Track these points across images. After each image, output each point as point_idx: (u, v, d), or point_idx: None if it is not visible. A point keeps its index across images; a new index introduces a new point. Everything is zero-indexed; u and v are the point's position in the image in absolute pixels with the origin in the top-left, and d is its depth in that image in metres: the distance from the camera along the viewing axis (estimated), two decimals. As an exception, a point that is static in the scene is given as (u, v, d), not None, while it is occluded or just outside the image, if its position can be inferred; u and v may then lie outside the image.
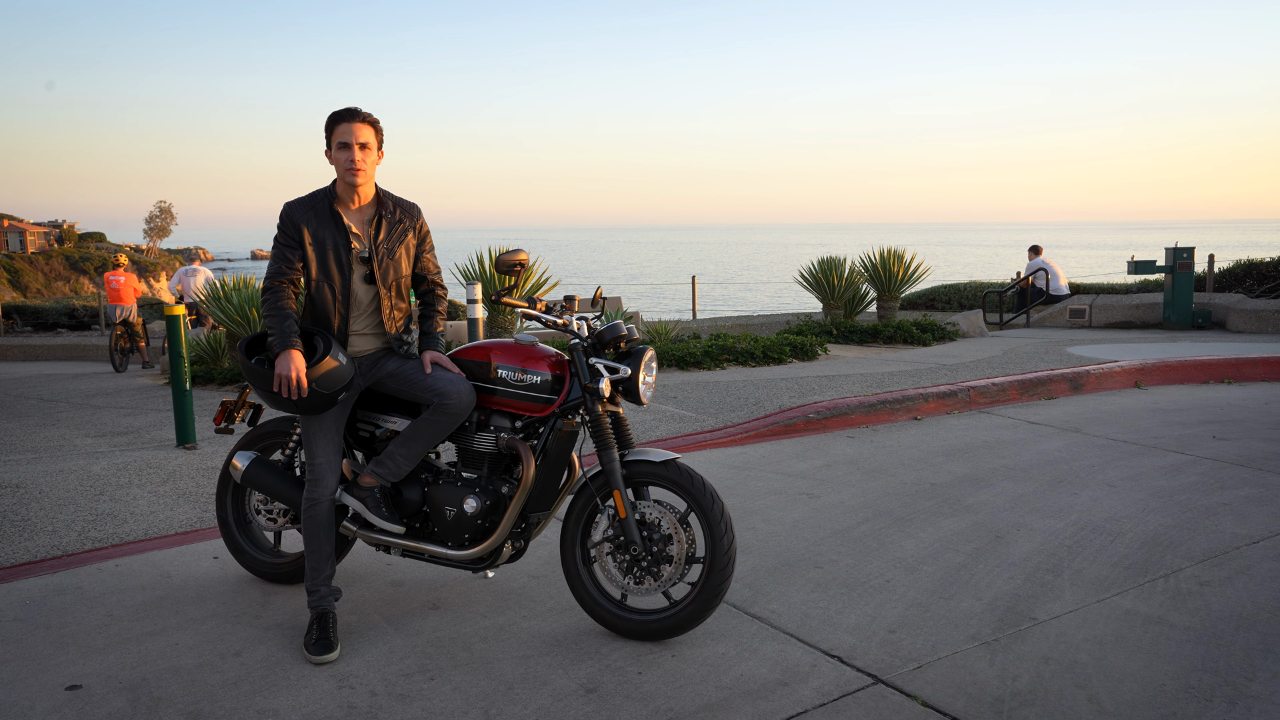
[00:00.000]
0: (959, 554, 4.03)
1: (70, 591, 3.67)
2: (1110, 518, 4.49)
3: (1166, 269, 12.92)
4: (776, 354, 9.04)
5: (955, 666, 3.03)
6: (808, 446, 5.99)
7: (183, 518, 4.61)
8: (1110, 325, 13.52)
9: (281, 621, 3.40)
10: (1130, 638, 3.22)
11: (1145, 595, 3.58)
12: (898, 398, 6.85)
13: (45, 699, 2.85)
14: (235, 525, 3.78)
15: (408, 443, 3.28)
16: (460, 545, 3.31)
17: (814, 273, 12.44)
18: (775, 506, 4.71)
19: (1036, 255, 15.19)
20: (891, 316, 12.67)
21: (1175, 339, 11.32)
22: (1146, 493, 4.91)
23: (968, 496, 4.87)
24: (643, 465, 3.22)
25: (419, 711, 2.78)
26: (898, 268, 12.39)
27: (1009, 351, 9.75)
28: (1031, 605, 3.49)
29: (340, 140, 3.17)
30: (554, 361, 3.33)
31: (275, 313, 3.20)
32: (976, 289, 16.74)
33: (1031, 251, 15.33)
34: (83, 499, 4.93)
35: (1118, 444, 5.99)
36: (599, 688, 2.91)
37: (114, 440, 6.87)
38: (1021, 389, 7.50)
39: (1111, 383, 8.05)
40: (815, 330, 11.17)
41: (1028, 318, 14.47)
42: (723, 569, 3.11)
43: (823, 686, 2.91)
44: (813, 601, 3.54)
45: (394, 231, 3.36)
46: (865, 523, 4.46)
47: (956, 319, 12.33)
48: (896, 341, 11.13)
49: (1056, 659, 3.07)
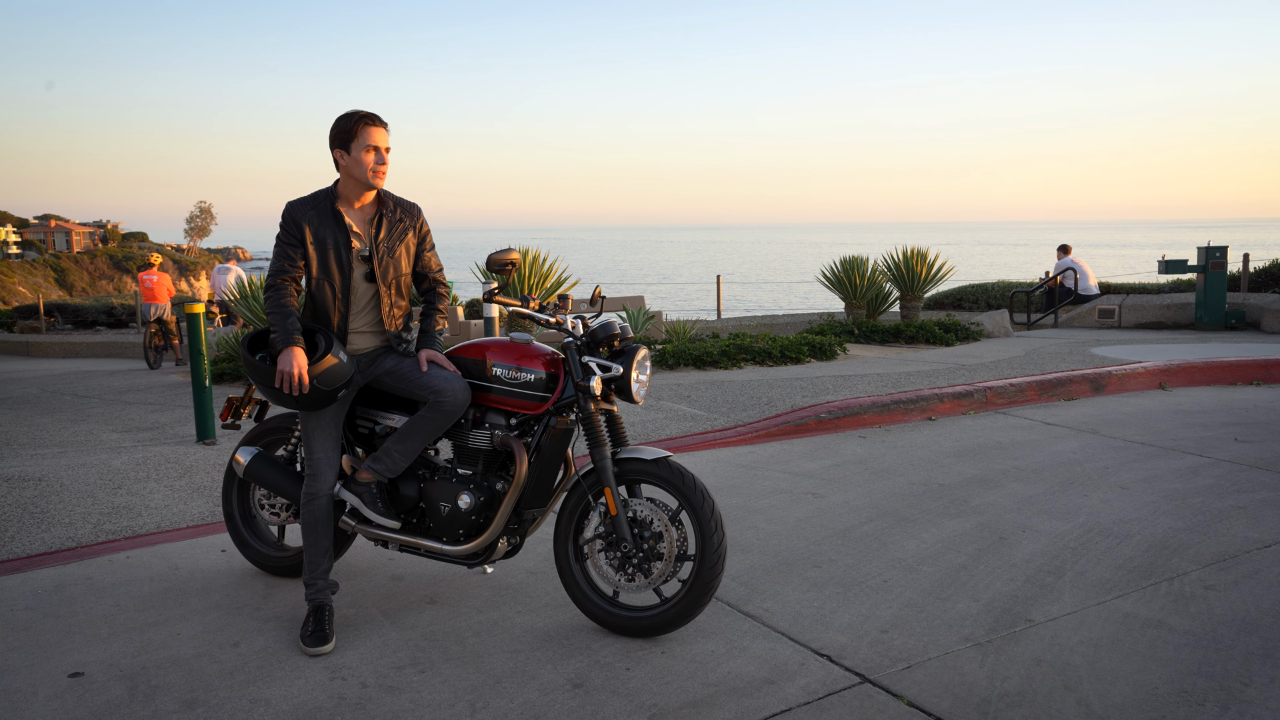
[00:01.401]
0: (960, 555, 4.01)
1: (80, 582, 3.77)
2: (1119, 520, 4.43)
3: (1199, 268, 12.68)
4: (794, 354, 9.01)
5: (945, 667, 3.02)
6: (818, 446, 5.97)
7: (195, 511, 4.70)
8: (1140, 326, 13.30)
9: (281, 614, 3.47)
10: (1127, 641, 3.19)
11: (1147, 598, 3.53)
12: (912, 398, 6.80)
13: (48, 685, 2.93)
14: (240, 519, 3.86)
15: (403, 439, 3.33)
16: (455, 540, 3.36)
17: (836, 272, 12.37)
18: (779, 505, 4.71)
19: (1066, 254, 14.96)
20: (914, 316, 12.56)
21: (1206, 340, 11.10)
22: (1159, 495, 4.83)
23: (975, 497, 4.83)
24: (634, 463, 3.24)
25: (406, 703, 2.82)
26: (921, 267, 12.28)
27: (1032, 352, 9.63)
28: (1029, 607, 3.46)
29: (368, 143, 3.23)
30: (549, 360, 3.36)
31: (277, 310, 3.27)
32: (1004, 289, 16.52)
33: (1060, 251, 15.10)
34: (101, 492, 5.05)
35: (1134, 446, 5.90)
36: (586, 683, 2.94)
37: (138, 435, 7.02)
38: (1040, 390, 7.41)
39: (1134, 384, 7.92)
40: (836, 330, 11.11)
41: (1055, 318, 14.27)
42: (713, 566, 3.12)
43: (809, 685, 2.91)
44: (807, 600, 3.54)
45: (394, 230, 3.42)
46: (868, 523, 4.44)
47: (981, 319, 12.20)
48: (919, 341, 11.04)
49: (1049, 661, 3.05)
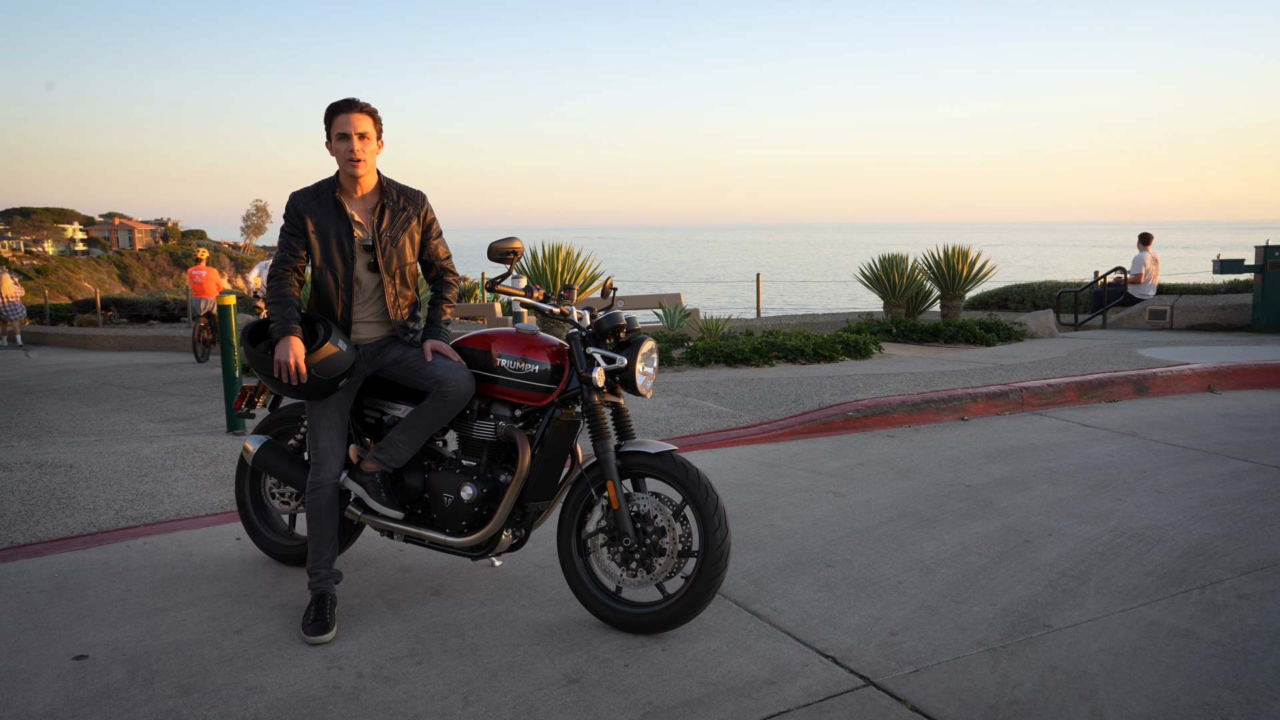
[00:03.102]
0: (981, 557, 3.88)
1: (97, 566, 3.82)
2: (1152, 525, 4.26)
3: (1256, 268, 12.22)
4: (827, 352, 8.87)
5: (953, 672, 2.91)
6: (843, 445, 5.85)
7: (216, 500, 4.76)
8: (1193, 327, 12.86)
9: (287, 602, 3.47)
10: (1150, 650, 3.05)
11: (1175, 606, 3.38)
12: (944, 397, 6.64)
13: (52, 667, 2.97)
14: (253, 508, 3.88)
15: (408, 429, 3.32)
16: (458, 532, 3.33)
17: (874, 270, 12.16)
18: (797, 504, 4.62)
19: (1145, 247, 13.88)
20: (955, 316, 12.30)
21: (1262, 343, 10.69)
22: (1198, 500, 4.64)
23: (1002, 499, 4.69)
24: (638, 456, 3.19)
25: (400, 694, 2.80)
26: (962, 265, 12.01)
27: (1075, 353, 9.36)
28: (1048, 612, 3.34)
29: (339, 131, 3.22)
30: (554, 351, 3.32)
31: (277, 299, 3.28)
32: (1051, 289, 16.11)
33: (1141, 241, 13.97)
34: (127, 479, 5.13)
35: (1176, 449, 5.69)
36: (582, 678, 2.89)
37: (173, 425, 7.15)
38: (1080, 390, 7.19)
39: (1181, 386, 7.65)
40: (873, 329, 10.91)
41: (1104, 319, 13.87)
42: (715, 563, 3.05)
43: (810, 687, 2.83)
44: (817, 600, 3.46)
45: (397, 219, 3.40)
46: (888, 523, 4.33)
47: (1024, 319, 11.90)
48: (958, 341, 10.80)
49: (1065, 668, 2.93)
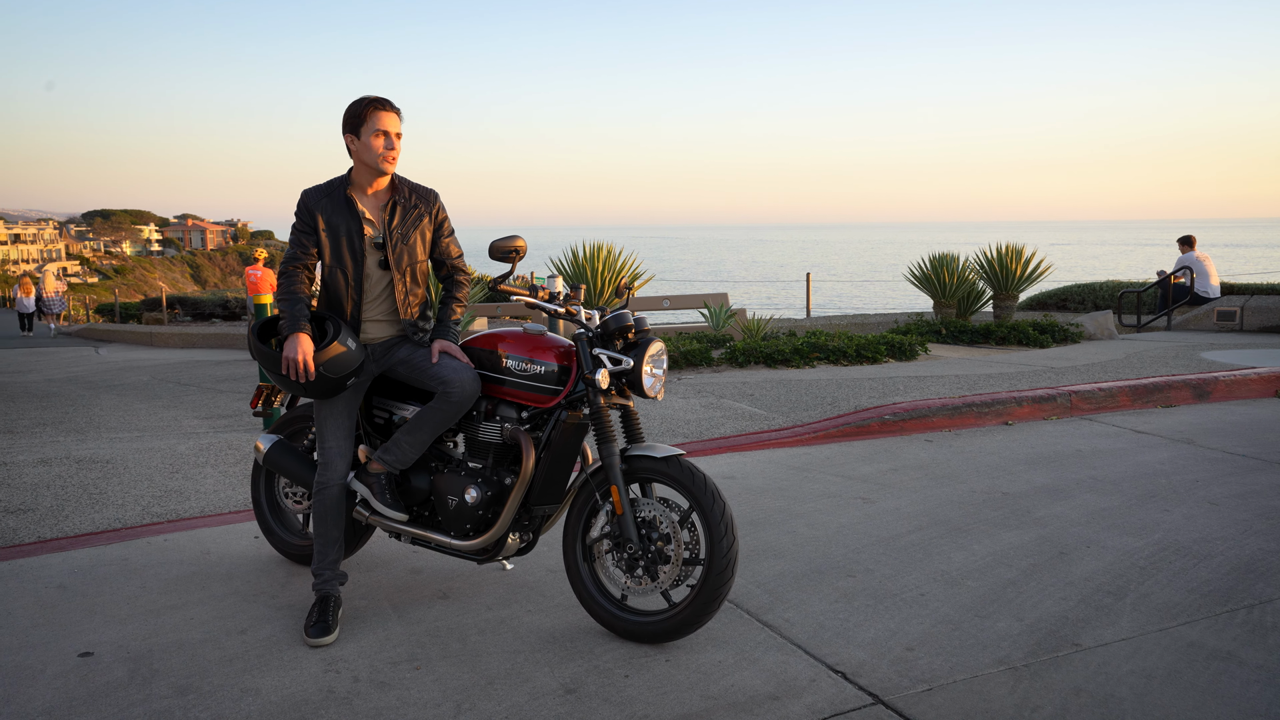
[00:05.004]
0: (1011, 570, 3.70)
1: (115, 563, 3.86)
2: (1201, 538, 4.03)
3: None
4: (870, 353, 8.65)
5: (969, 691, 2.76)
6: (877, 449, 5.67)
7: (241, 497, 4.79)
8: (1265, 329, 12.28)
9: (295, 602, 3.46)
10: (1186, 673, 2.85)
11: (1218, 626, 3.17)
12: (987, 400, 6.41)
13: (57, 663, 2.98)
14: (267, 507, 3.88)
15: (413, 430, 3.28)
16: (462, 535, 3.28)
17: (924, 269, 11.85)
18: (823, 510, 4.47)
19: (1188, 249, 13.71)
20: (1008, 316, 11.93)
21: (1338, 345, 10.16)
22: (1253, 513, 4.38)
23: (1040, 508, 4.48)
24: (644, 460, 3.09)
25: (393, 700, 2.75)
26: (1016, 265, 11.64)
27: (1133, 355, 8.99)
28: (1078, 630, 3.15)
29: (379, 128, 3.20)
30: (562, 352, 3.25)
31: (287, 297, 3.26)
32: (1113, 289, 15.53)
33: (1182, 244, 13.78)
34: (159, 476, 5.21)
35: (1233, 458, 5.39)
36: (580, 689, 2.81)
37: (215, 422, 7.26)
38: (1134, 395, 6.88)
39: (1245, 391, 7.27)
40: (921, 330, 10.63)
41: (1169, 320, 13.32)
42: (721, 572, 2.94)
43: (815, 704, 2.71)
44: (833, 612, 3.32)
45: (408, 217, 3.36)
46: (916, 531, 4.16)
47: (1082, 320, 11.49)
48: (1010, 343, 10.47)
49: (1090, 691, 2.75)
